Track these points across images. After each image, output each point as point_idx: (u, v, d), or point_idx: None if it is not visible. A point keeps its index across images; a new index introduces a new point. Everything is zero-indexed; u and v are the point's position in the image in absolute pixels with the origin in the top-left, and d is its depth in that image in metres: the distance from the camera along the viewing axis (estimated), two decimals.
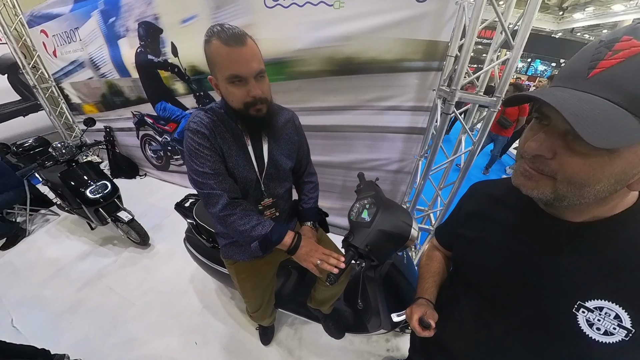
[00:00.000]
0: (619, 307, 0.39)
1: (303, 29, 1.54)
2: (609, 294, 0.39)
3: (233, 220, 0.76)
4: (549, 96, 0.33)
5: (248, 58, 0.64)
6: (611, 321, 0.39)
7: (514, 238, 0.51)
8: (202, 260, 1.34)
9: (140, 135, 3.11)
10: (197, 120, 0.74)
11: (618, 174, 0.33)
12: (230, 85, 0.67)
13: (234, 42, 0.62)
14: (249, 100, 0.68)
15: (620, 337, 0.38)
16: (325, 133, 1.86)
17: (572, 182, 0.35)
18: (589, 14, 10.33)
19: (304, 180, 1.06)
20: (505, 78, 1.23)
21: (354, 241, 0.75)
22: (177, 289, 1.82)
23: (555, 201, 0.39)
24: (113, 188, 2.09)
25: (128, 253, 2.15)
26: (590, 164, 0.33)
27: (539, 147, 0.36)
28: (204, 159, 0.74)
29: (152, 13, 2.06)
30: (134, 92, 2.69)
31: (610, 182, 0.34)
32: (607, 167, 0.33)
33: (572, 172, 0.35)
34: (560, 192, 0.37)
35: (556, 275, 0.44)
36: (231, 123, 0.78)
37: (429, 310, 0.65)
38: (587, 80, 0.32)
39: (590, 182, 0.34)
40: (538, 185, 0.39)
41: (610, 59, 0.30)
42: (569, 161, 0.35)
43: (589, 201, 0.37)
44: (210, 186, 0.75)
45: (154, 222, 2.47)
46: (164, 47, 2.16)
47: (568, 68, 0.36)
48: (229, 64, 0.63)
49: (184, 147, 0.77)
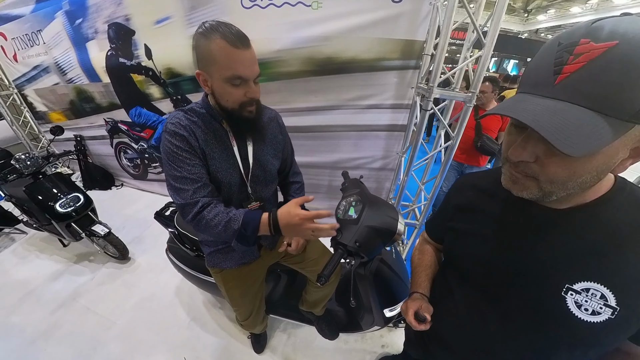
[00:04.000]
0: (604, 287, 0.40)
1: (282, 30, 1.54)
2: (594, 275, 0.41)
3: (205, 224, 0.72)
4: (523, 112, 0.34)
5: (252, 61, 0.65)
6: (597, 301, 0.41)
7: (502, 228, 0.53)
8: (187, 270, 1.28)
9: (114, 144, 2.94)
10: (175, 122, 0.71)
11: (599, 166, 0.35)
12: (229, 85, 0.65)
13: (241, 44, 0.61)
14: (245, 100, 0.68)
15: (607, 315, 0.40)
16: (308, 134, 1.86)
17: (554, 181, 0.38)
18: (551, 16, 11.21)
19: (290, 180, 1.04)
20: (479, 75, 1.29)
21: (343, 239, 0.75)
22: (161, 303, 1.73)
23: (545, 198, 0.41)
24: (86, 200, 1.96)
25: (106, 269, 2.02)
26: (570, 164, 0.35)
27: (521, 154, 0.38)
28: (183, 162, 0.70)
29: (122, 14, 1.96)
30: (106, 97, 2.55)
31: (593, 175, 0.36)
32: (587, 164, 0.35)
33: (553, 172, 0.37)
34: (546, 190, 0.40)
35: (544, 261, 0.46)
36: (214, 124, 0.75)
37: (424, 304, 0.66)
38: (554, 86, 0.33)
39: (572, 178, 0.36)
40: (525, 187, 0.42)
41: (572, 63, 0.31)
42: (550, 163, 0.36)
43: (575, 192, 0.39)
44: (188, 193, 0.71)
45: (133, 234, 2.34)
46: (137, 49, 2.06)
47: (533, 73, 0.36)
48: (232, 65, 0.62)
49: (161, 151, 0.73)
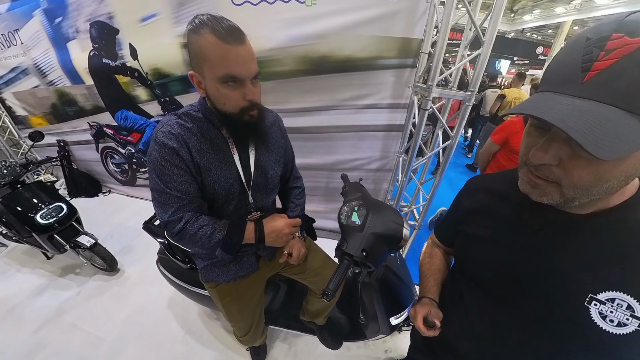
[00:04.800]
0: (631, 297, 0.38)
1: (275, 28, 1.48)
2: (619, 285, 0.39)
3: (189, 238, 0.69)
4: (550, 112, 0.31)
5: (247, 59, 0.57)
6: (624, 312, 0.38)
7: (518, 233, 0.50)
8: (179, 283, 1.21)
9: (100, 148, 2.82)
10: (165, 130, 0.64)
11: (628, 171, 0.33)
12: (223, 86, 0.58)
13: (233, 39, 0.54)
14: (246, 105, 0.61)
15: (634, 327, 0.38)
16: (304, 135, 1.81)
17: (577, 186, 0.35)
18: (536, 16, 11.51)
19: (290, 185, 0.99)
20: (478, 73, 1.27)
21: (348, 249, 0.70)
22: (154, 317, 1.65)
23: (566, 204, 0.38)
24: (70, 210, 1.85)
25: (93, 282, 1.91)
26: (597, 168, 0.33)
27: (543, 157, 0.35)
28: (170, 177, 0.64)
29: (105, 11, 1.86)
30: (90, 100, 2.42)
31: (620, 180, 0.34)
32: (615, 169, 0.32)
33: (577, 177, 0.34)
34: (568, 195, 0.37)
35: (565, 269, 0.43)
36: (212, 130, 0.68)
37: (433, 310, 0.64)
38: (583, 84, 0.30)
39: (598, 184, 0.34)
40: (546, 192, 0.39)
41: (604, 59, 0.28)
42: (574, 167, 0.34)
43: (600, 197, 0.37)
44: (172, 209, 0.66)
45: (122, 243, 2.23)
46: (121, 49, 1.96)
47: (557, 70, 0.34)
48: (224, 63, 0.55)
49: (147, 159, 0.66)
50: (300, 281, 1.07)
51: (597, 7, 9.11)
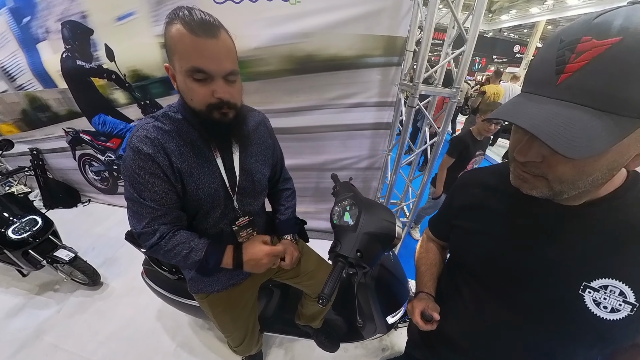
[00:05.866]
0: (623, 284, 0.39)
1: (258, 26, 1.45)
2: (612, 272, 0.40)
3: (163, 253, 0.66)
4: (523, 117, 0.33)
5: (218, 54, 0.53)
6: (616, 298, 0.40)
7: (511, 226, 0.51)
8: (168, 295, 1.16)
9: (77, 156, 2.67)
10: (141, 135, 0.60)
11: (610, 164, 0.34)
12: (191, 80, 0.54)
13: (203, 31, 0.51)
14: (214, 101, 0.56)
15: (626, 312, 0.39)
16: (292, 135, 1.79)
17: (562, 180, 0.37)
18: (513, 16, 12.05)
19: (280, 187, 0.96)
20: (462, 70, 1.29)
21: (342, 250, 0.69)
22: (142, 331, 1.57)
23: (555, 197, 0.40)
24: (45, 223, 1.73)
25: (75, 298, 1.80)
26: (578, 164, 0.34)
27: (527, 155, 0.37)
28: (144, 186, 0.60)
29: (78, 10, 1.76)
30: (64, 105, 2.29)
31: (604, 172, 0.35)
32: (596, 163, 0.34)
33: (561, 173, 0.36)
34: (556, 189, 0.38)
35: (558, 259, 0.44)
36: (192, 132, 0.64)
37: (430, 304, 0.65)
38: (557, 86, 0.32)
39: (582, 177, 0.35)
40: (535, 186, 0.40)
41: (575, 62, 0.30)
42: (557, 163, 0.35)
43: (587, 189, 0.38)
44: (145, 220, 0.62)
45: (104, 255, 2.12)
46: (97, 50, 1.86)
47: (535, 72, 0.35)
48: (191, 55, 0.52)
49: (121, 166, 0.62)
50: (295, 285, 1.04)
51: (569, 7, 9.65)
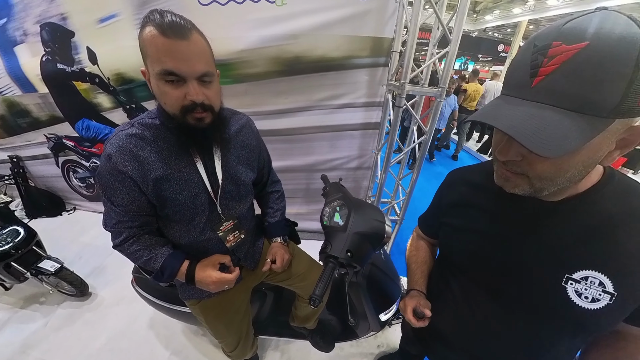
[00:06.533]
0: (602, 275, 0.42)
1: (245, 28, 1.44)
2: (592, 264, 0.42)
3: (126, 255, 0.70)
4: (501, 119, 0.36)
5: (189, 55, 0.53)
6: (596, 288, 0.42)
7: (497, 222, 0.53)
8: (159, 303, 1.14)
9: (60, 163, 2.58)
10: (113, 142, 0.61)
11: (584, 161, 0.36)
12: (163, 83, 0.54)
13: (173, 33, 0.51)
14: (187, 104, 0.55)
15: (606, 301, 0.42)
16: (281, 137, 1.79)
17: (542, 177, 0.39)
18: (496, 16, 12.41)
19: (268, 190, 0.96)
20: (447, 70, 1.32)
21: (333, 251, 0.69)
22: (134, 340, 1.53)
23: (536, 193, 0.42)
24: (28, 233, 1.67)
25: (62, 310, 1.74)
26: (555, 161, 0.36)
27: (507, 154, 0.40)
28: (113, 191, 0.63)
29: (57, 12, 1.70)
30: (45, 110, 2.21)
31: (579, 169, 0.37)
32: (571, 160, 0.36)
33: (540, 170, 0.38)
34: (536, 186, 0.41)
35: (542, 252, 0.47)
36: (170, 137, 0.64)
37: (422, 301, 0.66)
38: (532, 89, 0.34)
39: (560, 174, 0.38)
40: (516, 184, 0.43)
41: (547, 65, 0.32)
42: (536, 161, 0.37)
43: (566, 186, 0.40)
44: (112, 221, 0.67)
45: (92, 264, 2.06)
46: (78, 53, 1.80)
47: (512, 75, 0.37)
48: (161, 57, 0.51)
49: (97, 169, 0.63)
50: (287, 287, 1.04)
51: (549, 7, 10.03)
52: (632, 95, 0.29)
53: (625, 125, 0.33)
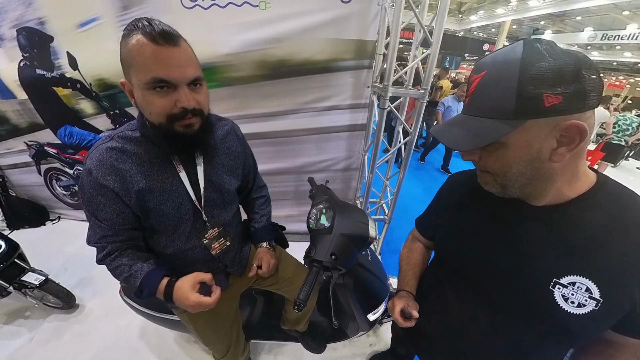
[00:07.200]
0: (589, 281, 0.43)
1: (229, 32, 1.44)
2: (580, 270, 0.44)
3: (109, 270, 0.69)
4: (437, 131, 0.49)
5: (180, 62, 0.53)
6: (583, 294, 0.43)
7: (490, 226, 0.55)
8: (148, 312, 1.12)
9: (43, 171, 2.50)
10: (94, 156, 0.60)
11: (523, 157, 0.41)
12: (150, 93, 0.52)
13: (164, 40, 0.50)
14: (176, 112, 0.54)
15: (591, 307, 0.43)
16: (269, 140, 1.79)
17: (496, 172, 0.46)
18: (481, 16, 12.72)
19: (253, 196, 0.96)
20: (429, 71, 1.35)
21: (317, 255, 0.70)
22: (125, 351, 1.50)
23: (503, 190, 0.47)
24: (9, 246, 1.61)
25: (49, 324, 1.69)
26: (497, 157, 0.44)
27: (466, 157, 0.49)
28: (97, 206, 0.62)
29: (35, 16, 1.65)
30: (25, 117, 2.14)
31: (523, 165, 0.42)
32: (507, 155, 0.42)
33: (491, 165, 0.46)
34: (499, 181, 0.47)
35: (531, 257, 0.48)
36: (152, 148, 0.63)
37: (410, 302, 0.67)
38: (465, 106, 0.45)
39: (506, 169, 0.44)
40: (486, 180, 0.49)
41: (469, 89, 0.43)
42: (486, 158, 0.46)
43: (523, 182, 0.44)
44: (96, 236, 0.66)
45: (79, 275, 2.00)
46: (58, 58, 1.76)
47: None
48: (151, 65, 0.50)
49: (78, 183, 0.63)
50: (275, 292, 1.05)
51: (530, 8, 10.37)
52: (525, 100, 0.36)
53: (549, 124, 0.37)
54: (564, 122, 0.36)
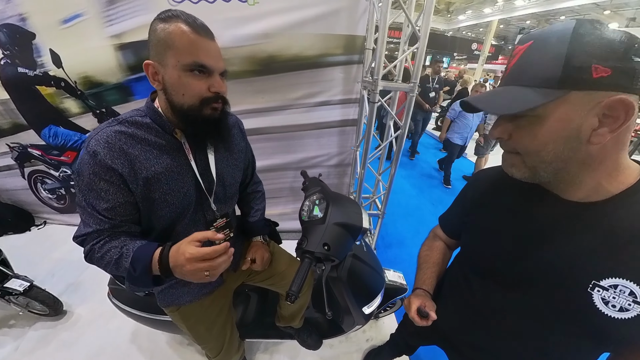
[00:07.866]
0: (634, 284, 0.40)
1: (217, 28, 1.38)
2: (622, 272, 0.40)
3: (96, 261, 0.59)
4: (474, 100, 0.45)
5: (216, 54, 0.59)
6: (626, 298, 0.40)
7: (522, 222, 0.52)
8: (138, 314, 1.09)
9: (26, 174, 2.41)
10: (100, 138, 0.56)
11: (559, 133, 0.39)
12: (187, 75, 0.55)
13: (205, 33, 0.57)
14: (209, 95, 0.59)
15: (636, 312, 0.40)
16: (261, 136, 1.78)
17: (528, 151, 0.42)
18: (469, 16, 12.99)
19: (249, 190, 0.96)
20: (417, 66, 1.37)
21: (309, 246, 0.69)
22: (116, 356, 1.46)
23: (533, 174, 0.44)
24: None
25: (34, 332, 1.62)
26: (531, 132, 0.41)
27: (494, 132, 0.46)
28: (97, 194, 0.56)
29: (15, 13, 1.59)
30: (6, 117, 2.06)
31: (560, 142, 0.39)
32: (542, 130, 0.39)
33: (524, 143, 0.42)
34: (529, 164, 0.43)
35: (569, 256, 0.45)
36: (162, 135, 0.62)
37: (427, 302, 0.66)
38: (505, 77, 0.43)
39: (540, 147, 0.40)
40: (513, 163, 0.46)
41: (512, 60, 0.42)
42: (519, 136, 0.42)
43: (558, 165, 0.41)
44: (91, 229, 0.58)
45: (66, 281, 1.94)
46: (41, 56, 1.70)
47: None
48: (194, 51, 0.55)
49: (75, 170, 0.58)
50: (269, 287, 1.04)
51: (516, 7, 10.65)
52: (572, 69, 0.35)
53: (593, 99, 0.35)
54: (609, 98, 0.34)
